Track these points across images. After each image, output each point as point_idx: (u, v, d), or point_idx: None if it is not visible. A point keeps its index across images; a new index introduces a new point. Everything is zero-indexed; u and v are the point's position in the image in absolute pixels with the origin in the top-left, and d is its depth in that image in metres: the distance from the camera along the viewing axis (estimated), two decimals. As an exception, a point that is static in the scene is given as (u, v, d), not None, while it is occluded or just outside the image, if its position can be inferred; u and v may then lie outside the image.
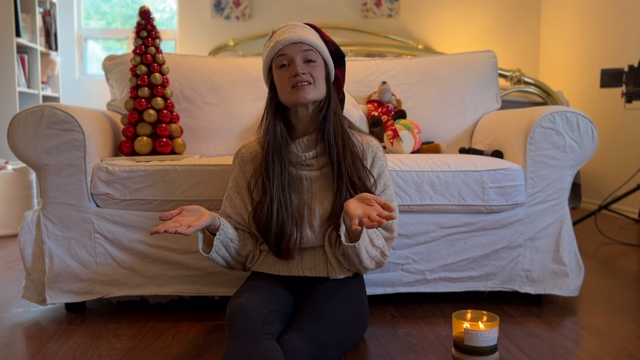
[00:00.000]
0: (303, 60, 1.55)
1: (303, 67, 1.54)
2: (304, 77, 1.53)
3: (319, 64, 1.57)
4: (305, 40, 1.55)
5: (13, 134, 1.82)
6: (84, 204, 1.86)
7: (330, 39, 1.64)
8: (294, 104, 1.57)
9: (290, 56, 1.55)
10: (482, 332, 1.48)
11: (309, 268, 1.61)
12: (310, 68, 1.55)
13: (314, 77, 1.55)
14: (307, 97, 1.54)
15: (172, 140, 2.13)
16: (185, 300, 2.03)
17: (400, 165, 1.90)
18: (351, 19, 5.15)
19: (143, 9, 2.10)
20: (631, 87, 3.27)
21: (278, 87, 1.58)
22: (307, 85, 1.53)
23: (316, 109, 1.60)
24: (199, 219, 1.45)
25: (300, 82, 1.53)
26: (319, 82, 1.56)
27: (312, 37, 1.58)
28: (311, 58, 1.55)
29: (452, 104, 2.44)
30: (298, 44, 1.55)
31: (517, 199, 1.92)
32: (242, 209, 1.64)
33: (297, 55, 1.54)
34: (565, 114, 1.92)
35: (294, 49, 1.55)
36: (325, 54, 1.60)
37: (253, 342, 1.27)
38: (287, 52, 1.55)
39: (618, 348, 1.62)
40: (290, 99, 1.56)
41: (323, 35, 1.64)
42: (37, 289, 1.87)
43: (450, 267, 1.94)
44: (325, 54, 1.60)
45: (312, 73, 1.55)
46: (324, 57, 1.59)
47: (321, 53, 1.58)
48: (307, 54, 1.55)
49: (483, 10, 5.25)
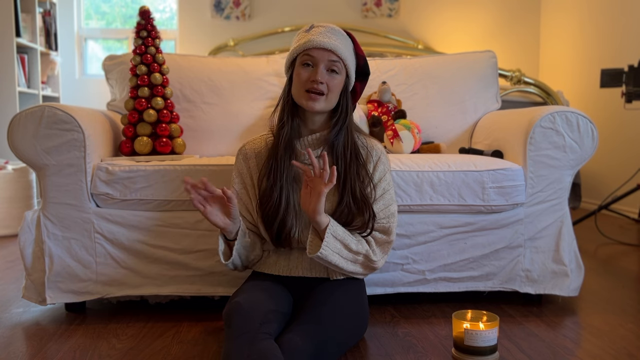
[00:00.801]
0: (326, 69, 1.54)
1: (324, 75, 1.53)
2: (320, 86, 1.52)
3: (341, 76, 1.56)
4: (336, 50, 1.53)
5: (13, 134, 1.82)
6: (84, 204, 1.86)
7: (362, 54, 1.63)
8: (303, 107, 1.57)
9: (316, 59, 1.54)
10: (482, 332, 1.48)
11: (309, 268, 1.61)
12: (330, 79, 1.54)
13: (329, 89, 1.54)
14: (315, 108, 1.54)
15: (172, 140, 2.13)
16: (185, 300, 2.03)
17: (400, 165, 1.90)
18: (351, 19, 5.15)
19: (143, 9, 2.11)
20: (631, 87, 3.27)
21: (294, 82, 1.57)
22: (319, 95, 1.53)
23: (329, 115, 1.60)
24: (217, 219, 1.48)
25: (314, 90, 1.52)
26: (332, 94, 1.55)
27: (345, 49, 1.56)
28: (335, 69, 1.54)
29: (452, 104, 2.44)
30: (328, 51, 1.53)
31: (517, 199, 1.92)
32: (249, 206, 1.64)
33: (323, 62, 1.53)
34: (565, 114, 1.92)
35: (322, 55, 1.53)
36: (350, 69, 1.58)
37: (252, 342, 1.27)
38: (314, 55, 1.53)
39: (618, 348, 1.62)
40: (299, 100, 1.56)
41: (357, 48, 1.62)
42: (37, 289, 1.87)
43: (450, 267, 1.94)
44: (350, 68, 1.58)
45: (329, 84, 1.53)
46: (347, 71, 1.57)
47: (346, 67, 1.56)
48: (332, 64, 1.54)
49: (483, 11, 5.25)
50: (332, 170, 1.43)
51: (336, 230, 1.51)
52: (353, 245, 1.55)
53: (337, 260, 1.52)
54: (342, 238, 1.53)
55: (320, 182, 1.44)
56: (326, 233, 1.49)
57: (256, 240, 1.64)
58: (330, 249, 1.50)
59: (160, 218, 1.89)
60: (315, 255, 1.49)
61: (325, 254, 1.49)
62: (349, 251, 1.54)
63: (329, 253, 1.50)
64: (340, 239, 1.52)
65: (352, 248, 1.54)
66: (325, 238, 1.48)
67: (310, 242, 1.52)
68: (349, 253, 1.54)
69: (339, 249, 1.52)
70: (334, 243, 1.51)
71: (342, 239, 1.52)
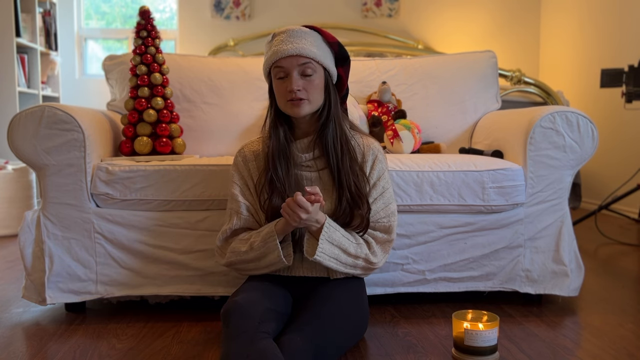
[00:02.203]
0: (300, 74, 1.52)
1: (298, 82, 1.52)
2: (298, 93, 1.51)
3: (317, 75, 1.54)
4: (302, 52, 1.51)
5: (13, 134, 1.82)
6: (84, 204, 1.86)
7: (334, 40, 1.60)
8: (289, 115, 1.57)
9: (287, 69, 1.52)
10: (482, 332, 1.48)
11: (310, 268, 1.61)
12: (306, 83, 1.52)
13: (309, 92, 1.53)
14: (301, 113, 1.54)
15: (172, 140, 2.13)
16: (185, 300, 2.03)
17: (400, 165, 1.90)
18: (351, 19, 5.15)
19: (143, 9, 2.10)
20: (631, 87, 3.27)
21: (276, 95, 1.58)
22: (301, 101, 1.52)
23: (315, 114, 1.59)
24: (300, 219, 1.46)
25: (294, 98, 1.52)
26: (314, 95, 1.54)
27: (311, 46, 1.53)
28: (308, 72, 1.52)
29: (452, 104, 2.44)
30: (295, 57, 1.51)
31: (517, 199, 1.92)
32: (255, 205, 1.63)
33: (294, 69, 1.52)
34: (565, 114, 1.92)
35: (290, 62, 1.51)
36: (326, 62, 1.55)
37: (251, 341, 1.27)
38: (283, 65, 1.52)
39: (618, 348, 1.62)
40: (285, 110, 1.57)
41: (326, 37, 1.59)
42: (37, 289, 1.87)
43: (450, 267, 1.94)
44: (325, 61, 1.55)
45: (307, 88, 1.52)
46: (324, 65, 1.55)
47: (320, 62, 1.54)
48: (303, 68, 1.52)
49: (483, 11, 5.25)
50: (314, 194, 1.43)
51: (332, 236, 1.50)
52: (352, 249, 1.54)
53: (334, 265, 1.52)
54: (340, 243, 1.52)
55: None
56: (320, 239, 1.48)
57: None
58: (327, 255, 1.50)
59: (160, 218, 1.89)
60: (312, 258, 1.49)
61: (320, 260, 1.49)
62: (347, 255, 1.54)
63: (325, 259, 1.50)
64: (337, 243, 1.51)
65: (350, 252, 1.54)
66: (320, 244, 1.48)
67: (307, 242, 1.52)
68: (347, 257, 1.54)
69: (336, 254, 1.51)
70: (330, 249, 1.50)
71: (339, 244, 1.52)
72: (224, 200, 1.81)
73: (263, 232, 1.53)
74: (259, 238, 1.53)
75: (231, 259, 1.60)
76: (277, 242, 1.50)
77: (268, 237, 1.51)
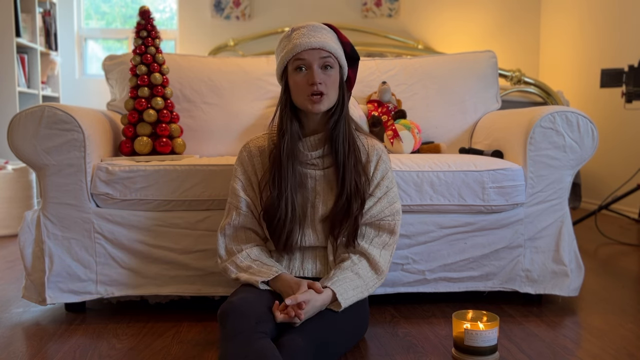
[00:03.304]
0: (320, 67, 1.52)
1: (320, 75, 1.51)
2: (320, 87, 1.50)
3: (335, 71, 1.54)
4: (325, 46, 1.51)
5: (13, 134, 1.82)
6: (84, 204, 1.86)
7: (347, 40, 1.61)
8: (307, 111, 1.56)
9: (308, 61, 1.51)
10: (482, 332, 1.48)
11: (310, 269, 1.61)
12: (326, 76, 1.52)
13: (328, 87, 1.52)
14: (321, 109, 1.53)
15: (172, 140, 2.13)
16: (185, 300, 2.03)
17: (400, 165, 1.90)
18: (351, 19, 5.15)
19: (143, 9, 2.10)
20: (631, 87, 3.27)
21: (293, 90, 1.55)
22: (322, 96, 1.51)
23: (327, 112, 1.59)
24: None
25: (316, 92, 1.50)
26: (332, 90, 1.54)
27: (332, 42, 1.54)
28: (329, 64, 1.52)
29: (452, 104, 2.44)
30: (317, 49, 1.51)
31: (517, 199, 1.92)
32: (256, 201, 1.62)
33: (316, 61, 1.51)
34: (565, 114, 1.92)
35: (312, 55, 1.51)
36: (342, 59, 1.57)
37: (248, 342, 1.26)
38: (305, 57, 1.51)
39: (618, 348, 1.62)
40: (304, 106, 1.54)
41: (340, 37, 1.60)
42: (37, 289, 1.87)
43: (450, 267, 1.94)
44: (342, 59, 1.57)
45: (327, 82, 1.52)
46: (340, 63, 1.56)
47: (338, 59, 1.55)
48: (325, 61, 1.52)
49: (483, 11, 5.25)
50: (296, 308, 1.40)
51: (346, 292, 1.48)
52: (361, 271, 1.54)
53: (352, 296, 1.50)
54: (354, 286, 1.51)
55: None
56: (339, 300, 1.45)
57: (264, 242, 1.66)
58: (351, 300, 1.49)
59: (160, 218, 1.89)
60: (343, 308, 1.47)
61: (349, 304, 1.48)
62: (359, 277, 1.53)
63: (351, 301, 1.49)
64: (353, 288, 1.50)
65: (360, 274, 1.54)
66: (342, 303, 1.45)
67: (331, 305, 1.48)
68: (359, 280, 1.53)
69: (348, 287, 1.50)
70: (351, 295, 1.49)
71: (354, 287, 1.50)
72: (224, 200, 1.81)
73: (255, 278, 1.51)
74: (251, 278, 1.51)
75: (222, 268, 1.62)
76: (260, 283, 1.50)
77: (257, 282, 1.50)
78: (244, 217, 1.61)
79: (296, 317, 1.37)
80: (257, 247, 1.61)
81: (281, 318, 1.37)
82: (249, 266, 1.55)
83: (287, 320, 1.38)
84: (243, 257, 1.58)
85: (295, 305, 1.37)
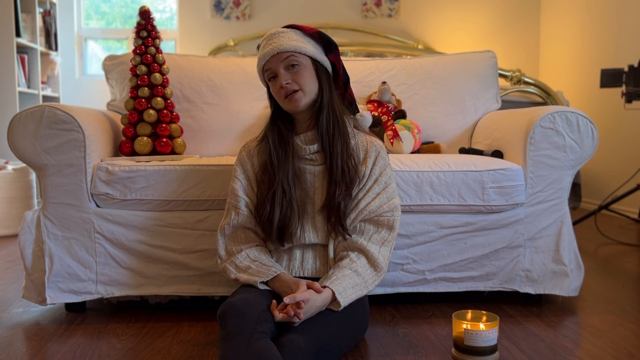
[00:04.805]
0: (285, 68, 1.56)
1: (287, 76, 1.56)
2: (289, 87, 1.55)
3: (304, 64, 1.57)
4: (281, 49, 1.56)
5: (13, 134, 1.82)
6: (84, 204, 1.86)
7: (312, 30, 1.63)
8: (290, 112, 1.61)
9: (274, 69, 1.58)
10: (482, 332, 1.48)
11: (310, 268, 1.61)
12: (294, 75, 1.56)
13: (299, 83, 1.56)
14: (299, 105, 1.57)
15: (172, 140, 2.13)
16: (185, 300, 2.03)
17: (400, 165, 1.90)
18: (351, 19, 5.15)
19: (143, 9, 2.10)
20: (631, 87, 3.27)
21: (275, 97, 1.62)
22: (295, 93, 1.56)
23: (313, 107, 1.61)
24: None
25: (287, 92, 1.56)
26: (306, 84, 1.57)
27: (289, 41, 1.57)
28: (293, 63, 1.56)
29: (452, 104, 2.44)
30: (276, 55, 1.57)
31: (517, 199, 1.92)
32: (255, 201, 1.62)
33: (279, 66, 1.57)
34: (565, 114, 1.92)
35: (274, 61, 1.57)
36: (309, 51, 1.59)
37: (248, 342, 1.26)
38: (270, 66, 1.58)
39: (618, 348, 1.62)
40: (286, 108, 1.61)
41: (304, 30, 1.63)
42: (37, 289, 1.87)
43: (450, 267, 1.94)
44: (308, 50, 1.59)
45: (296, 80, 1.56)
46: (307, 54, 1.59)
47: (303, 52, 1.57)
48: (288, 61, 1.56)
49: (483, 11, 5.25)
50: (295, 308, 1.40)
51: (345, 290, 1.48)
52: (360, 269, 1.54)
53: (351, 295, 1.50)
54: (353, 284, 1.50)
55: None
56: (338, 299, 1.45)
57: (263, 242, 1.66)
58: (349, 298, 1.48)
59: (160, 218, 1.89)
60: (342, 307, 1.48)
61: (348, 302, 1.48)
62: (358, 275, 1.53)
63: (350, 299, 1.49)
64: (352, 286, 1.50)
65: (359, 272, 1.53)
66: (341, 301, 1.45)
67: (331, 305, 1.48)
68: (357, 278, 1.52)
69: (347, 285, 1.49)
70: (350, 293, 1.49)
71: (353, 285, 1.50)
72: (224, 201, 1.81)
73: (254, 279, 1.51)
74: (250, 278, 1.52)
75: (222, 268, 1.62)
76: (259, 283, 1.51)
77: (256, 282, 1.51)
78: (243, 217, 1.62)
79: (295, 316, 1.37)
80: (256, 247, 1.61)
81: (280, 317, 1.38)
82: (248, 266, 1.55)
83: (286, 319, 1.38)
84: (242, 258, 1.58)
85: (294, 304, 1.37)
